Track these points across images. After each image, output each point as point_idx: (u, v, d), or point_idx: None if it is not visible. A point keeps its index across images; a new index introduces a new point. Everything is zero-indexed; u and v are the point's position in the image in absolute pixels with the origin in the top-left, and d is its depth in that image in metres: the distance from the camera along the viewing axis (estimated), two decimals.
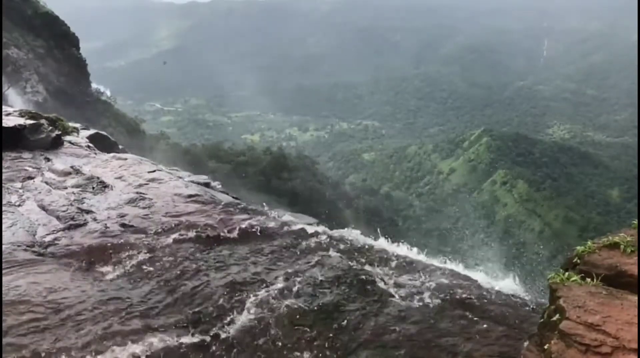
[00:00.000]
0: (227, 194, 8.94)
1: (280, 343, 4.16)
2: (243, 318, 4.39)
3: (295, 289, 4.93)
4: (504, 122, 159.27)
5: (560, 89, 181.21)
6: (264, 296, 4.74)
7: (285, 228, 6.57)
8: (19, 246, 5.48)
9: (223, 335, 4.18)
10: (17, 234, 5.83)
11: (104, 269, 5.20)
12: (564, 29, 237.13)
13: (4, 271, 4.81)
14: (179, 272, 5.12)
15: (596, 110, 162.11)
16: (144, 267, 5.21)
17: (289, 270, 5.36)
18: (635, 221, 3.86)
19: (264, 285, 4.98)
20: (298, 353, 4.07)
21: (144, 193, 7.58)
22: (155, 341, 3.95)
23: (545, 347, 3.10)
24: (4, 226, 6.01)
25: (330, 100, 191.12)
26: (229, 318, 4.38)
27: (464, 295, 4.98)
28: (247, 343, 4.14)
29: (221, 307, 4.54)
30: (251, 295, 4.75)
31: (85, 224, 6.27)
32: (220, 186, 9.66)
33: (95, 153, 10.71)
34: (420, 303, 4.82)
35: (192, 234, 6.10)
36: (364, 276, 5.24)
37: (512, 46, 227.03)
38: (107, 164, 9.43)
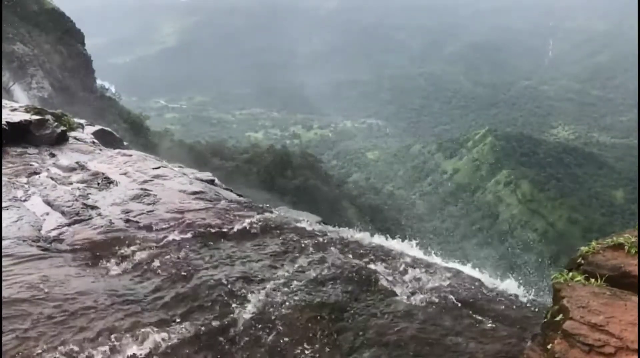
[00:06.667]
0: (231, 191, 8.96)
1: (283, 340, 4.17)
2: (246, 314, 4.41)
3: (298, 286, 4.95)
4: (509, 122, 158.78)
5: (565, 89, 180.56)
6: (267, 293, 4.76)
7: (289, 226, 6.58)
8: (24, 241, 5.51)
9: (226, 331, 4.20)
10: (22, 229, 5.87)
11: (109, 264, 5.23)
12: (569, 29, 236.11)
13: (9, 266, 4.84)
14: (183, 268, 5.14)
15: (601, 111, 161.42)
16: (149, 263, 5.24)
17: (292, 267, 5.37)
18: None
19: (267, 282, 5.00)
20: (301, 350, 4.09)
21: (148, 189, 7.61)
22: (159, 335, 3.97)
23: (549, 346, 3.10)
24: (9, 220, 6.05)
25: (334, 98, 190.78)
26: (232, 314, 4.40)
27: (467, 295, 4.99)
28: (251, 339, 4.16)
29: (225, 303, 4.56)
30: (255, 292, 4.76)
31: (90, 219, 6.30)
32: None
33: (100, 149, 10.74)
34: (424, 302, 4.83)
35: (196, 230, 6.13)
36: (367, 275, 5.25)
37: (517, 45, 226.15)
38: (112, 160, 9.47)
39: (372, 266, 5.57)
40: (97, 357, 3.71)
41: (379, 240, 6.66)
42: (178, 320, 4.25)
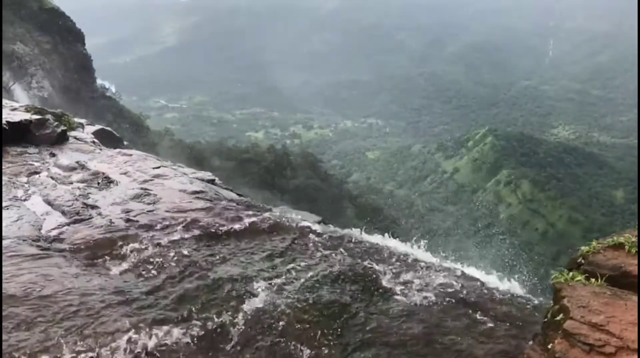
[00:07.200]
0: (232, 191, 8.95)
1: (283, 339, 4.18)
2: (247, 314, 4.41)
3: (298, 286, 4.95)
4: (509, 121, 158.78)
5: (565, 89, 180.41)
6: (267, 293, 4.76)
7: (289, 226, 6.58)
8: (24, 240, 5.51)
9: (227, 330, 4.20)
10: (22, 228, 5.86)
11: (109, 264, 5.23)
12: (570, 29, 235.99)
13: (9, 265, 4.83)
14: (183, 267, 5.15)
15: (601, 110, 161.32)
16: (149, 262, 5.24)
17: (293, 267, 5.37)
18: None
19: (268, 281, 5.00)
20: (301, 350, 4.09)
21: (149, 189, 7.60)
22: (160, 335, 3.97)
23: (549, 346, 3.10)
24: (10, 220, 6.05)
25: (334, 98, 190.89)
26: (233, 313, 4.40)
27: (467, 294, 4.99)
28: (251, 338, 4.16)
29: (225, 302, 4.56)
30: (255, 291, 4.76)
31: (90, 219, 6.30)
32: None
33: (100, 149, 10.74)
34: (424, 302, 4.83)
35: (196, 230, 6.13)
36: (367, 274, 5.25)
37: (517, 45, 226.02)
38: (112, 160, 9.47)
39: (373, 266, 5.57)
40: (97, 356, 3.71)
41: (379, 239, 6.66)
42: (179, 319, 4.25)
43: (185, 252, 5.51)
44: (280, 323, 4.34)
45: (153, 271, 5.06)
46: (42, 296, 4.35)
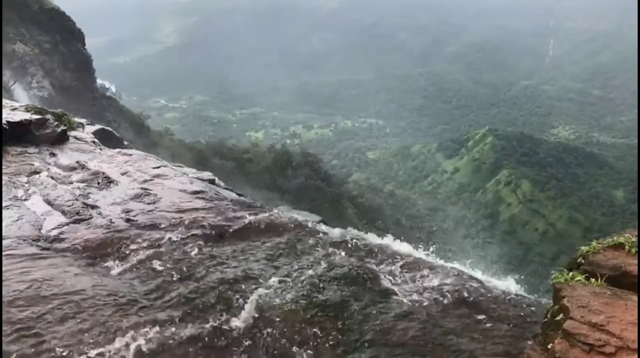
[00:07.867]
0: (232, 191, 8.95)
1: (283, 339, 4.17)
2: (246, 313, 4.41)
3: (298, 286, 4.95)
4: (509, 121, 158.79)
5: (565, 89, 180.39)
6: (267, 292, 4.76)
7: (289, 225, 6.58)
8: (24, 240, 5.51)
9: (227, 330, 4.20)
10: (22, 228, 5.86)
11: (109, 264, 5.23)
12: (570, 29, 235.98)
13: (9, 265, 4.83)
14: (183, 267, 5.14)
15: (602, 110, 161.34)
16: (149, 262, 5.23)
17: (293, 267, 5.37)
18: None
19: (268, 281, 5.00)
20: (301, 350, 4.09)
21: (149, 189, 7.60)
22: (160, 335, 3.97)
23: (549, 346, 3.10)
24: (10, 220, 6.05)
25: (334, 98, 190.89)
26: (232, 313, 4.40)
27: (468, 294, 4.98)
28: (251, 338, 4.16)
29: (225, 302, 4.56)
30: (255, 291, 4.76)
31: (90, 219, 6.30)
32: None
33: (101, 149, 10.73)
34: (424, 302, 4.83)
35: (196, 230, 6.12)
36: (367, 274, 5.25)
37: (518, 45, 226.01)
38: (112, 160, 9.46)
39: (372, 266, 5.57)
40: (102, 355, 3.71)
41: (379, 240, 6.66)
42: (178, 319, 4.25)
43: (185, 253, 5.51)
44: (279, 323, 4.34)
45: (152, 272, 5.06)
46: (40, 297, 4.35)
